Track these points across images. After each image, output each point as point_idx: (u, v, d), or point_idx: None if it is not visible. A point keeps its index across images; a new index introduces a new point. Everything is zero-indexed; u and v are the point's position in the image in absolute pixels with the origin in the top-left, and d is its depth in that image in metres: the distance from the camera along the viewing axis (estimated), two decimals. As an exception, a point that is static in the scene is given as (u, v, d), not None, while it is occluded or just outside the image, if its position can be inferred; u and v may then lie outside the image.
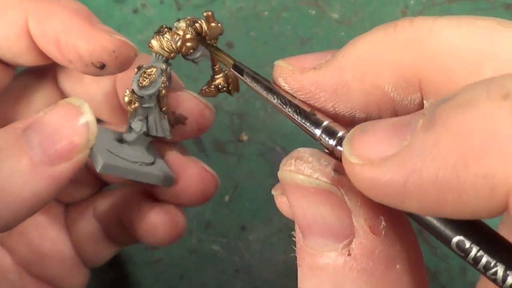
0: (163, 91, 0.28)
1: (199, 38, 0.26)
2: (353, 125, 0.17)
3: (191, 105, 0.31)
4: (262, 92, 0.21)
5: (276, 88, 0.21)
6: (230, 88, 0.27)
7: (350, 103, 0.19)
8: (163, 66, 0.27)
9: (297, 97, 0.20)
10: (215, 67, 0.27)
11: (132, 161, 0.28)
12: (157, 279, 0.45)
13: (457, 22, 0.18)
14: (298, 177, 0.17)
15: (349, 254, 0.17)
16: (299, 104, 0.20)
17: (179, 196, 0.31)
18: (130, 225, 0.32)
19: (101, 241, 0.34)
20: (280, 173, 0.18)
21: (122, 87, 0.31)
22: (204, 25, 0.26)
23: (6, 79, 0.31)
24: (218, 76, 0.27)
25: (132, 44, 0.29)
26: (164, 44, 0.27)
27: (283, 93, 0.21)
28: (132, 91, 0.28)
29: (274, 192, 0.20)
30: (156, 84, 0.28)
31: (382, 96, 0.19)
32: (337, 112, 0.20)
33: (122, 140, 0.29)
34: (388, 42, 0.19)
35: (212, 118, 0.32)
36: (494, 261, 0.16)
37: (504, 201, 0.14)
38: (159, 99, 0.28)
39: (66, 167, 0.24)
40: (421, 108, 0.20)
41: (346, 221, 0.17)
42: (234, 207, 0.44)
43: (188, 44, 0.26)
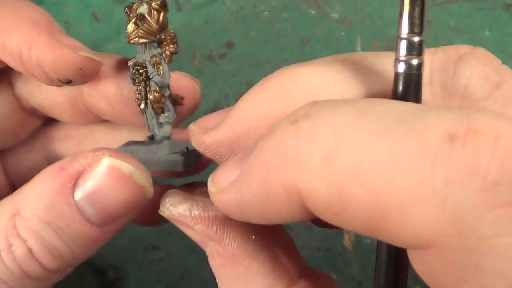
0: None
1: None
2: None
3: (184, 84, 0.30)
4: None
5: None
6: (176, 45, 0.27)
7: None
8: (159, 50, 0.27)
9: (205, 154, 0.24)
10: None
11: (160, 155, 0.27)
12: (157, 279, 0.45)
13: (318, 68, 0.22)
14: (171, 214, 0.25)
15: (212, 256, 0.24)
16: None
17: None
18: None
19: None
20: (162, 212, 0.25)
21: (91, 88, 0.30)
22: None
23: None
24: (166, 43, 0.26)
25: (98, 59, 0.28)
26: (145, 31, 0.26)
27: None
28: (158, 85, 0.27)
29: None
30: (166, 70, 0.27)
31: None
32: None
33: (149, 141, 0.28)
34: (263, 96, 0.22)
35: (200, 93, 0.31)
36: None
37: (302, 204, 0.17)
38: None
39: (119, 223, 0.24)
40: None
41: (200, 237, 0.25)
42: (234, 207, 0.44)
43: (166, 20, 0.26)
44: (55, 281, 0.25)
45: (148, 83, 0.27)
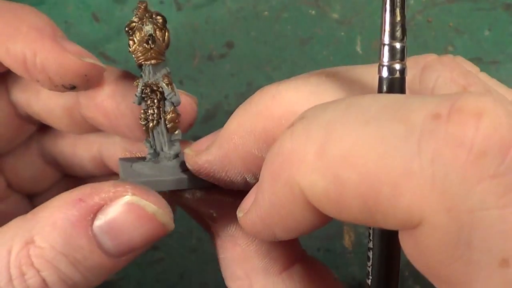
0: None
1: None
2: (248, 186, 0.24)
3: (182, 101, 0.30)
4: None
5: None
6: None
7: (236, 169, 0.24)
8: (168, 69, 0.27)
9: (199, 175, 0.25)
10: None
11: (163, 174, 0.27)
12: (157, 279, 0.45)
13: (295, 84, 0.23)
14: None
15: (214, 237, 0.27)
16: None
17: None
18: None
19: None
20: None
21: (88, 100, 0.30)
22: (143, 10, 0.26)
23: None
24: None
25: (102, 65, 0.28)
26: (157, 51, 0.26)
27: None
28: (173, 105, 0.27)
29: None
30: (175, 86, 0.27)
31: (255, 158, 0.23)
32: (231, 178, 0.24)
33: (153, 159, 0.28)
34: (246, 114, 0.23)
35: (197, 111, 0.31)
36: None
37: (306, 201, 0.18)
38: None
39: (136, 253, 0.24)
40: None
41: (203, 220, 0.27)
42: (234, 207, 0.44)
43: (170, 39, 0.26)
44: None
45: (163, 103, 0.27)
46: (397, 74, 0.20)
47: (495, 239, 0.15)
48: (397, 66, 0.20)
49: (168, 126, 0.27)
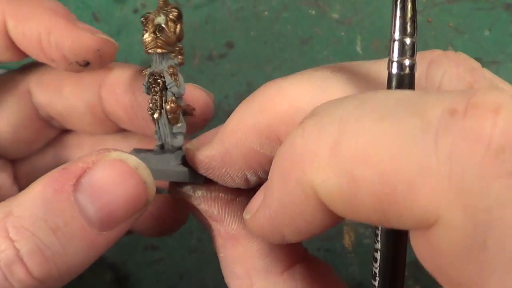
0: None
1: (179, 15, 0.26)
2: (248, 184, 0.24)
3: (196, 96, 0.31)
4: None
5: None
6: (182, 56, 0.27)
7: (237, 165, 0.23)
8: (176, 61, 0.27)
9: (199, 171, 0.25)
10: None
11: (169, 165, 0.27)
12: (157, 279, 0.45)
13: (299, 79, 0.22)
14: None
15: (215, 236, 0.26)
16: None
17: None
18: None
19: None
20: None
21: (110, 94, 0.30)
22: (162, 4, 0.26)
23: None
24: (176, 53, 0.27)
25: (114, 41, 0.29)
26: (164, 41, 0.26)
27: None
28: (174, 96, 0.27)
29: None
30: (182, 80, 0.27)
31: (256, 154, 0.23)
32: (231, 175, 0.24)
33: (159, 150, 0.28)
34: (249, 109, 0.23)
35: (213, 107, 0.32)
36: None
37: (318, 200, 0.18)
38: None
39: (118, 230, 0.23)
40: None
41: (204, 219, 0.27)
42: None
43: (183, 32, 0.26)
44: None
45: (165, 93, 0.27)
46: (407, 70, 0.20)
47: (511, 239, 0.14)
48: (407, 62, 0.20)
49: (169, 117, 0.27)
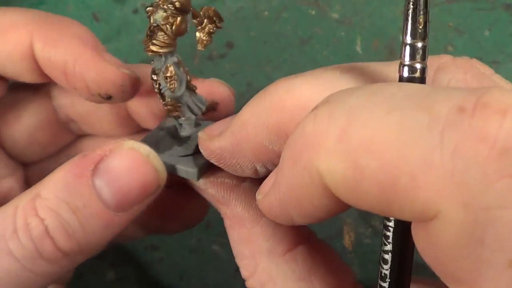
0: (189, 77, 0.28)
1: (181, 11, 0.25)
2: (257, 174, 0.25)
3: (220, 91, 0.31)
4: None
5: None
6: (217, 22, 0.27)
7: (247, 158, 0.24)
8: (175, 59, 0.27)
9: (210, 160, 0.26)
10: (197, 20, 0.26)
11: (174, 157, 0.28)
12: (157, 279, 0.45)
13: (309, 78, 0.23)
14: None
15: (224, 218, 0.27)
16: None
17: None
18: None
19: None
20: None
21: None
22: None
23: (1, 92, 0.31)
24: (204, 24, 0.27)
25: (138, 76, 0.29)
26: (159, 42, 0.26)
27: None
28: (167, 99, 0.27)
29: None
30: (182, 79, 0.27)
31: (265, 149, 0.23)
32: (242, 166, 0.25)
33: (176, 137, 0.29)
34: (260, 105, 0.23)
35: (234, 102, 0.33)
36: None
37: (324, 186, 0.18)
38: (188, 85, 0.28)
39: (132, 212, 0.25)
40: None
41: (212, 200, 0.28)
42: (234, 207, 0.44)
43: (183, 26, 0.26)
44: (66, 270, 0.25)
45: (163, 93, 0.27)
46: (418, 74, 0.20)
47: (508, 239, 0.15)
48: (418, 66, 0.20)
49: (171, 115, 0.28)
